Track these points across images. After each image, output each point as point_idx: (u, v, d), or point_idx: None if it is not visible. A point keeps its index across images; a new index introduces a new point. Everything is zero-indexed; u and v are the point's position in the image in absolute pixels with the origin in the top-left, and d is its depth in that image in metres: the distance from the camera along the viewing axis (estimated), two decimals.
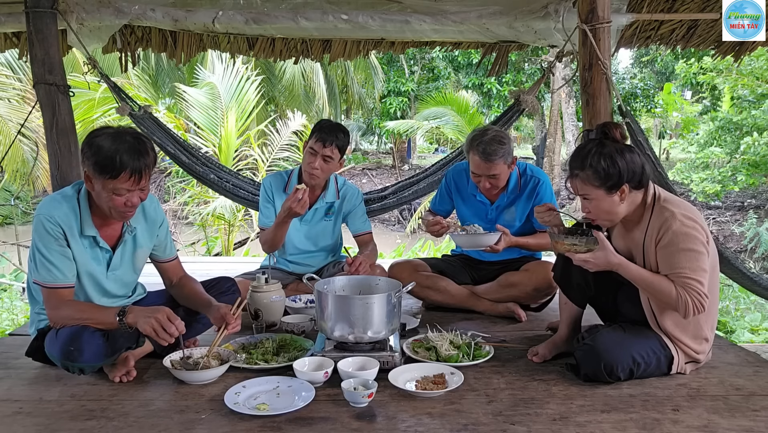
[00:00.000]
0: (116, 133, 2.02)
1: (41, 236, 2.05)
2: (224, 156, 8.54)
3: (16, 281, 6.51)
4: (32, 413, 1.88)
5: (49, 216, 2.05)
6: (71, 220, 2.09)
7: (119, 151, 1.96)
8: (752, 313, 5.45)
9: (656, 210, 2.03)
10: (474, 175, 2.86)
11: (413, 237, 12.21)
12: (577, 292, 2.29)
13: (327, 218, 3.12)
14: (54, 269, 2.05)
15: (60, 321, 2.06)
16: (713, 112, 12.99)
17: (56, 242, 2.05)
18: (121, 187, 2.00)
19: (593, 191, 2.03)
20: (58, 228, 2.05)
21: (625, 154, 2.01)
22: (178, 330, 1.98)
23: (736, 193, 13.31)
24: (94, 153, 1.97)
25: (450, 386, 1.97)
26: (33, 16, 3.16)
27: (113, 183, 1.98)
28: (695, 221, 1.98)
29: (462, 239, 2.86)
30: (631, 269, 2.01)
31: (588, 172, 2.01)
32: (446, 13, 3.58)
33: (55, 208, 2.08)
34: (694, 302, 1.92)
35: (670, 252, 1.96)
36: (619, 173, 1.99)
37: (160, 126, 3.87)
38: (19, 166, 8.28)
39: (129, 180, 1.99)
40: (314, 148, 2.88)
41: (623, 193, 2.01)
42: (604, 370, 1.98)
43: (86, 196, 2.12)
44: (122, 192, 2.01)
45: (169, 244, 2.44)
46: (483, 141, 2.74)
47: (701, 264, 1.95)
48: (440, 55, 17.55)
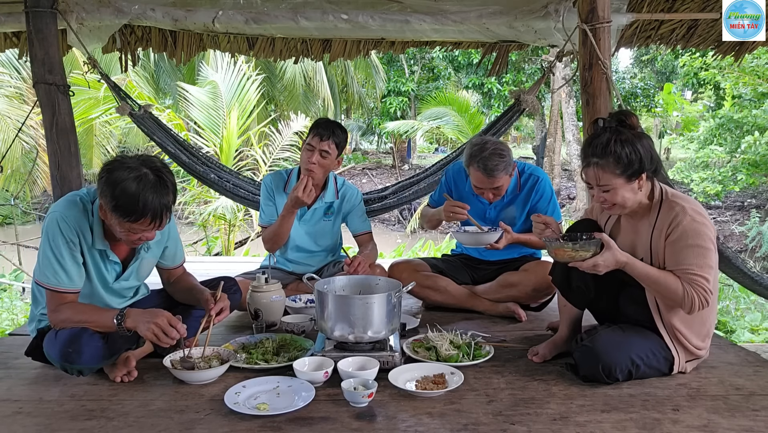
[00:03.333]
0: (137, 169, 1.91)
1: (53, 237, 2.00)
2: (225, 156, 8.54)
3: (16, 281, 6.51)
4: (32, 413, 1.88)
5: (65, 217, 2.00)
6: (84, 226, 2.05)
7: (142, 195, 1.87)
8: (752, 313, 5.45)
9: (665, 204, 2.02)
10: (476, 188, 2.86)
11: (413, 237, 12.20)
12: (577, 295, 2.28)
13: (326, 217, 3.12)
14: (61, 273, 2.02)
15: (59, 324, 2.05)
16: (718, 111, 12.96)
17: (68, 244, 2.01)
18: (138, 228, 1.96)
19: (613, 180, 1.99)
20: (73, 231, 2.01)
21: (644, 141, 2.00)
22: (180, 333, 1.98)
23: (737, 193, 13.30)
24: (115, 195, 1.89)
25: (450, 386, 1.97)
26: (33, 16, 3.16)
27: (130, 225, 1.94)
28: (704, 216, 1.98)
29: (464, 237, 2.87)
30: (637, 266, 1.99)
31: (609, 159, 1.97)
32: (446, 12, 3.58)
33: (72, 208, 2.04)
34: (700, 298, 1.92)
35: (680, 247, 1.96)
36: (640, 160, 1.96)
37: (160, 125, 3.87)
38: (18, 166, 8.29)
39: (150, 224, 1.95)
40: (311, 144, 2.89)
41: (641, 181, 1.99)
42: (603, 371, 1.98)
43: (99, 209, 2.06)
44: (137, 232, 1.97)
45: (179, 252, 2.42)
46: (483, 157, 2.72)
47: (708, 261, 1.94)
48: (440, 55, 17.56)
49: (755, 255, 9.62)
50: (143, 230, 1.97)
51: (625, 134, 1.99)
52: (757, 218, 10.40)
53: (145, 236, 2.00)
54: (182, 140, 3.98)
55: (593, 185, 2.06)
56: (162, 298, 2.45)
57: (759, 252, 9.53)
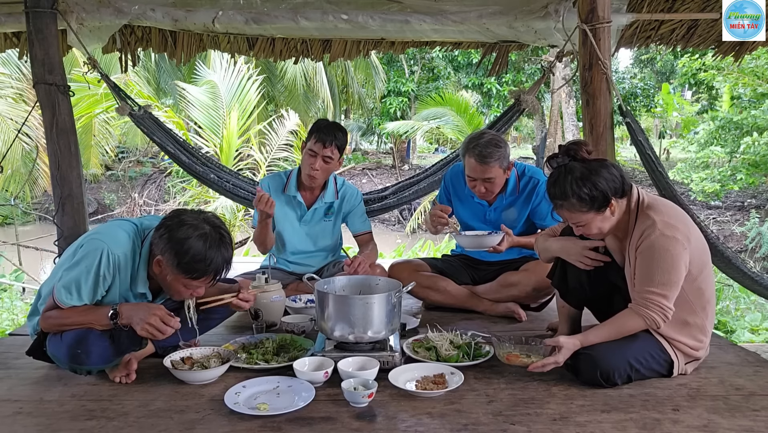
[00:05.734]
0: (200, 228, 1.94)
1: (91, 264, 1.95)
2: (225, 156, 8.54)
3: (16, 281, 6.51)
4: (32, 413, 1.88)
5: (111, 254, 1.97)
6: (128, 264, 2.03)
7: (208, 253, 1.91)
8: (752, 313, 5.45)
9: (640, 217, 2.04)
10: (470, 179, 2.86)
11: (413, 237, 12.21)
12: (573, 295, 2.32)
13: (326, 218, 3.13)
14: (75, 296, 1.98)
15: (48, 327, 2.04)
16: (713, 112, 12.97)
17: (98, 279, 1.97)
18: (196, 285, 1.99)
19: (582, 216, 2.02)
20: (113, 267, 1.98)
21: (601, 172, 2.00)
22: (173, 327, 1.98)
23: (736, 193, 13.30)
24: (180, 254, 1.91)
25: (450, 386, 1.97)
26: (33, 16, 3.16)
27: (191, 282, 1.97)
28: (677, 228, 1.97)
29: (465, 240, 2.86)
30: (590, 338, 2.03)
31: (572, 201, 2.00)
32: (446, 13, 3.58)
33: (122, 245, 2.00)
34: (659, 315, 1.96)
35: (645, 263, 1.98)
36: (603, 193, 1.98)
37: (160, 126, 3.87)
38: (19, 166, 8.29)
39: (207, 282, 1.99)
40: (314, 150, 2.88)
41: (612, 207, 2.02)
42: (601, 377, 1.98)
43: (148, 253, 2.04)
44: (194, 287, 2.01)
45: None
46: (479, 144, 2.74)
47: (671, 276, 1.95)
48: (440, 55, 17.54)
49: (755, 255, 9.62)
50: (199, 286, 2.02)
51: (578, 171, 2.00)
52: (757, 219, 10.41)
53: (198, 291, 2.04)
54: (182, 140, 3.98)
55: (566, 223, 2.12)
56: None
57: (759, 252, 9.53)
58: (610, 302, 2.23)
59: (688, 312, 2.05)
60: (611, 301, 2.23)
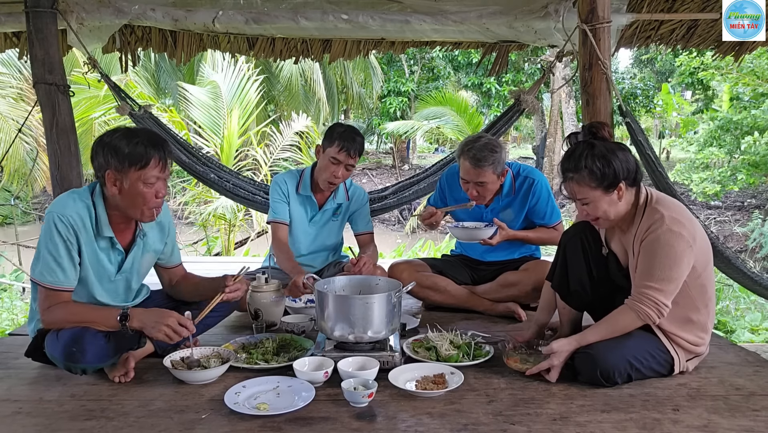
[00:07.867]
0: (128, 131, 2.08)
1: (50, 235, 2.01)
2: (225, 156, 8.53)
3: (16, 281, 6.51)
4: (32, 413, 1.88)
5: (62, 215, 2.02)
6: (86, 219, 2.07)
7: (141, 141, 2.02)
8: (752, 313, 5.45)
9: (648, 211, 2.04)
10: (463, 181, 2.87)
11: (413, 237, 12.21)
12: (575, 298, 2.32)
13: (334, 218, 3.15)
14: (58, 270, 2.02)
15: (52, 324, 2.05)
16: (712, 111, 12.96)
17: (65, 243, 2.02)
18: (151, 175, 2.03)
19: (590, 193, 2.03)
20: (70, 229, 2.02)
21: (618, 153, 2.02)
22: (189, 331, 2.02)
23: (736, 193, 13.29)
24: (119, 150, 2.01)
25: (450, 386, 1.97)
26: (33, 16, 3.16)
27: (144, 173, 2.01)
28: (683, 225, 1.98)
29: (459, 232, 2.91)
30: (588, 335, 2.05)
31: (583, 174, 2.01)
32: (446, 13, 3.58)
33: (69, 206, 2.05)
34: (654, 310, 1.97)
35: (648, 256, 1.99)
36: (615, 172, 1.99)
37: (160, 125, 3.87)
38: (19, 166, 8.29)
39: (158, 166, 2.03)
40: (338, 158, 2.86)
41: (620, 191, 2.02)
42: (601, 376, 1.98)
43: (101, 196, 2.11)
44: (152, 180, 2.03)
45: (176, 250, 2.45)
46: (475, 147, 2.74)
47: (672, 272, 1.95)
48: (440, 55, 17.55)
49: (755, 255, 9.61)
50: (156, 178, 2.04)
51: (598, 148, 2.02)
52: (760, 219, 10.39)
53: (160, 191, 2.07)
54: (182, 140, 3.98)
55: (573, 199, 2.11)
56: (163, 297, 2.45)
57: (759, 253, 9.53)
58: (613, 304, 2.22)
59: (690, 309, 2.05)
60: (613, 303, 2.21)
